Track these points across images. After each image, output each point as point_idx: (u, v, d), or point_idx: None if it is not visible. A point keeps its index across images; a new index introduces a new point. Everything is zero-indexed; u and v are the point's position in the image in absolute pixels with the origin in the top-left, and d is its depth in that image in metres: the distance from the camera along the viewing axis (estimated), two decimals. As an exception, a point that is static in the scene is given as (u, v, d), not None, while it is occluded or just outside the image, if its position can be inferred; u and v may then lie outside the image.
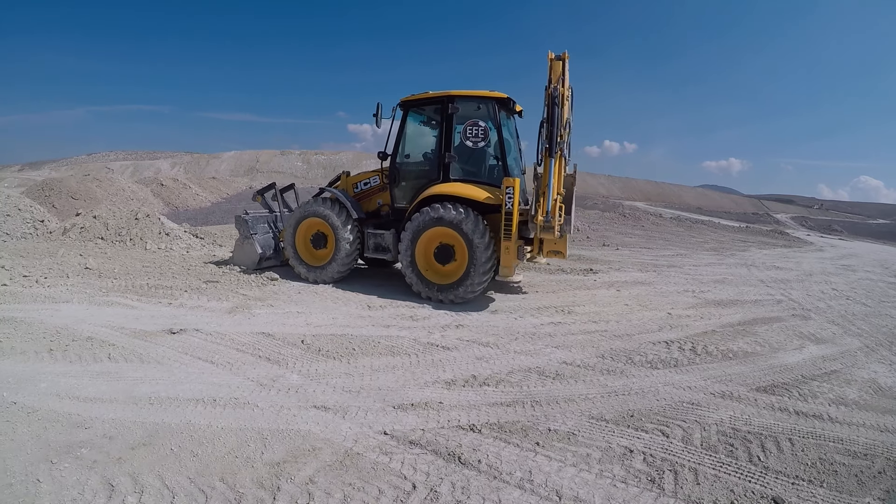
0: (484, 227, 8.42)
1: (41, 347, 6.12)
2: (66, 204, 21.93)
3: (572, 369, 6.00)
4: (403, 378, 5.61)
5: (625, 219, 29.43)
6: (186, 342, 6.49)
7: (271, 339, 6.72)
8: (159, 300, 8.41)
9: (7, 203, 17.12)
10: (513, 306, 8.72)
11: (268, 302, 8.47)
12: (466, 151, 9.19)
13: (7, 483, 3.60)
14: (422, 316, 7.98)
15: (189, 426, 4.45)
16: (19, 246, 13.46)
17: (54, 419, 4.51)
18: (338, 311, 8.15)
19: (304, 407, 4.87)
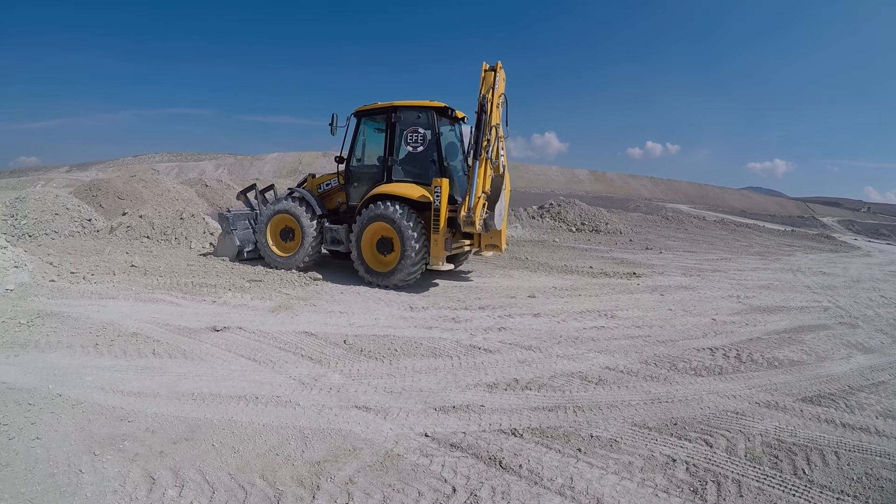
0: (416, 222, 9.62)
1: (87, 342, 6.37)
2: (113, 204, 22.57)
3: (615, 375, 5.94)
4: (445, 380, 5.64)
5: (668, 222, 28.98)
6: (230, 339, 6.66)
7: (314, 338, 6.84)
8: (203, 298, 8.67)
9: (56, 202, 17.79)
10: (555, 310, 8.67)
11: (310, 301, 8.61)
12: (409, 155, 10.46)
13: (50, 473, 3.76)
14: (464, 318, 8.00)
15: (231, 422, 4.57)
16: (67, 243, 14.06)
17: (98, 412, 4.70)
18: (380, 311, 8.24)
19: (346, 407, 4.95)
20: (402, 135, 10.44)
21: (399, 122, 10.41)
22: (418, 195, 9.75)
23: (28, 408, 4.71)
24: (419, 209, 9.81)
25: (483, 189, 9.36)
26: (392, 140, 10.44)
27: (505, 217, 9.91)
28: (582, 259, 14.28)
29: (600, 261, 14.02)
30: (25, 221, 16.44)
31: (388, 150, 10.45)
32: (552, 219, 21.06)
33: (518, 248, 15.69)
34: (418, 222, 9.65)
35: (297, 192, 11.42)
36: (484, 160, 9.30)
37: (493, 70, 9.46)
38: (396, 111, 10.38)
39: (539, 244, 17.02)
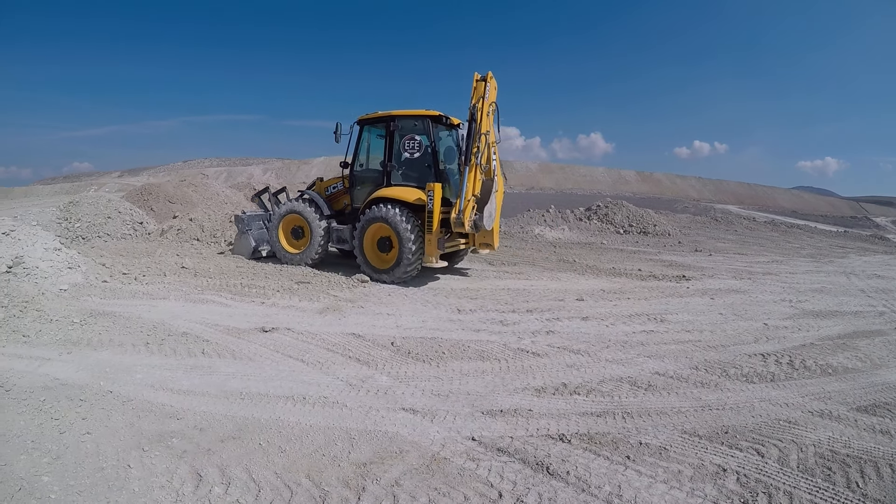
0: (413, 223, 10.42)
1: (138, 341, 6.58)
2: (164, 207, 23.18)
3: (665, 380, 5.83)
4: (493, 384, 5.62)
5: (717, 223, 28.34)
6: (278, 340, 6.78)
7: (361, 340, 6.91)
8: (252, 299, 8.86)
9: (108, 206, 18.42)
10: (604, 313, 8.57)
11: (358, 303, 8.71)
12: (407, 161, 11.33)
13: (99, 467, 3.89)
14: (512, 321, 7.97)
15: (278, 422, 4.65)
16: (119, 245, 14.58)
17: (148, 409, 4.84)
18: (427, 314, 8.28)
19: (393, 409, 4.98)
20: (400, 142, 11.33)
21: (397, 129, 11.30)
22: (414, 198, 10.58)
23: (79, 403, 4.88)
24: (415, 211, 10.60)
25: (473, 192, 10.17)
26: (391, 146, 11.30)
27: (496, 217, 10.74)
28: (630, 261, 14.10)
29: (649, 263, 13.81)
30: (79, 224, 17.04)
31: (387, 155, 11.32)
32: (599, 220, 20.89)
33: (565, 251, 15.59)
34: (414, 223, 10.44)
35: (306, 194, 12.54)
36: (474, 166, 10.05)
37: (484, 80, 10.18)
38: (395, 120, 11.31)
39: (586, 246, 16.87)
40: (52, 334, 6.75)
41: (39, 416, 4.64)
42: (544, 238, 18.05)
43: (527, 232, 18.91)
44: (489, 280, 10.99)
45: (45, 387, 5.20)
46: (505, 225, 20.09)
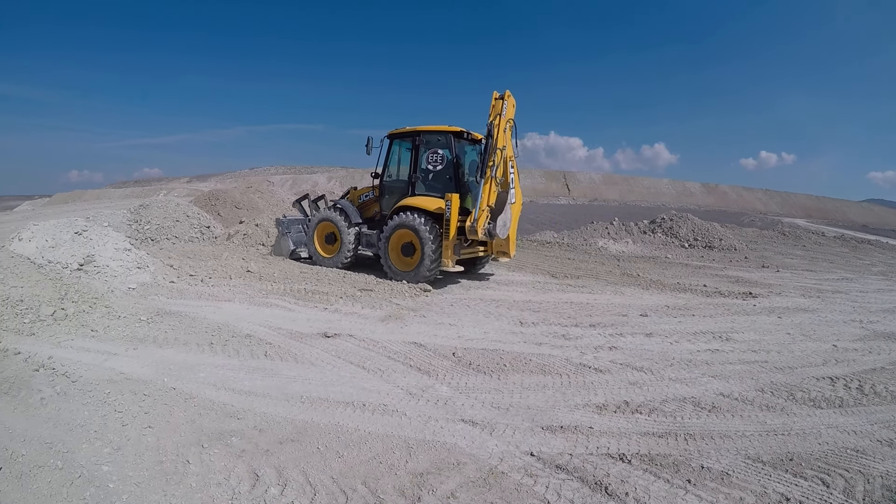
0: (434, 231, 11.18)
1: (203, 340, 6.79)
2: (231, 213, 23.87)
3: (729, 402, 5.63)
4: (553, 399, 5.54)
5: (784, 237, 27.24)
6: (340, 346, 6.87)
7: (423, 349, 6.93)
8: (315, 304, 9.01)
9: (177, 210, 19.11)
10: (668, 330, 8.37)
11: (420, 313, 8.75)
12: (430, 172, 12.20)
13: (158, 460, 4.01)
14: (574, 335, 7.86)
15: (337, 427, 4.69)
16: (187, 248, 15.11)
17: (209, 407, 4.97)
18: (489, 325, 8.24)
19: (452, 420, 4.96)
20: (424, 155, 12.23)
21: (422, 143, 12.24)
22: (434, 207, 11.38)
23: (143, 398, 5.05)
24: (436, 219, 11.37)
25: (488, 203, 10.95)
26: (416, 159, 12.27)
27: (511, 227, 11.34)
28: (695, 277, 13.74)
29: (714, 279, 13.42)
30: (149, 227, 17.71)
31: (412, 167, 12.29)
32: (664, 234, 20.47)
33: (629, 265, 15.32)
34: (435, 230, 11.21)
35: (338, 203, 13.49)
36: (489, 178, 10.84)
37: (502, 98, 11.05)
38: (420, 135, 12.27)
39: (651, 260, 16.53)
40: (119, 330, 7.02)
41: (103, 407, 4.82)
42: (608, 251, 17.81)
43: (590, 245, 18.69)
44: (552, 293, 10.89)
45: (110, 380, 5.40)
46: (568, 237, 19.98)
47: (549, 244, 19.04)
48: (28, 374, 5.35)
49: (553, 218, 33.93)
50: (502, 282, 11.70)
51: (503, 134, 10.92)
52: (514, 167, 11.41)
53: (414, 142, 12.32)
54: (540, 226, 27.09)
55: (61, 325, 6.97)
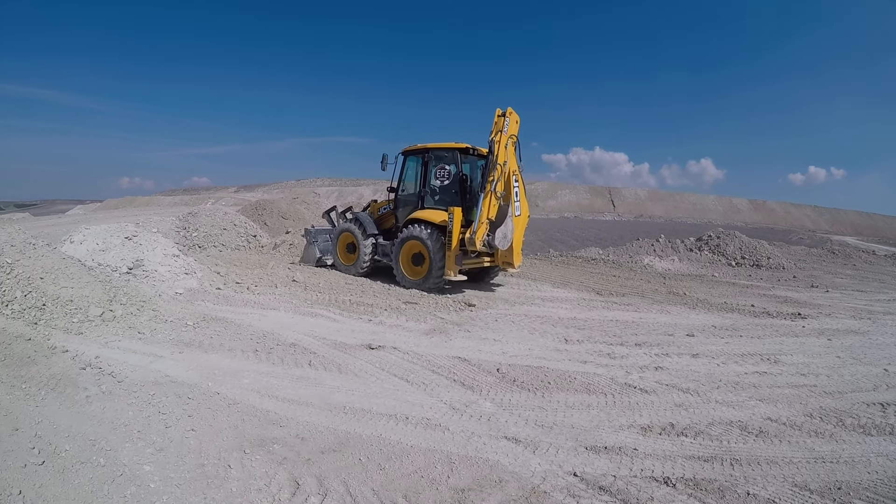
0: (439, 242, 11.89)
1: (247, 347, 6.90)
2: (277, 223, 24.31)
3: (777, 427, 5.46)
4: (598, 418, 5.45)
5: (834, 256, 26.30)
6: (384, 358, 6.88)
7: (467, 364, 6.89)
8: (360, 316, 9.08)
9: (224, 219, 19.52)
10: (715, 350, 8.18)
11: (465, 327, 8.72)
12: (439, 187, 12.95)
13: (200, 463, 4.07)
14: (620, 354, 7.74)
15: (379, 439, 4.69)
16: (233, 256, 15.44)
17: (252, 413, 5.02)
18: (534, 342, 8.17)
19: (495, 436, 4.91)
20: (433, 170, 12.96)
21: (431, 160, 12.97)
22: (440, 220, 12.06)
23: (187, 401, 5.13)
24: (442, 231, 12.01)
25: (487, 216, 11.48)
26: (426, 175, 13.01)
27: (515, 239, 11.72)
28: (742, 296, 13.40)
29: (762, 299, 13.07)
30: (196, 234, 18.11)
31: (422, 182, 13.06)
32: (711, 252, 19.99)
33: (675, 283, 15.03)
34: (440, 241, 11.91)
35: (357, 215, 14.40)
36: (488, 193, 11.41)
37: (504, 115, 11.57)
38: (429, 151, 13.02)
39: (697, 279, 16.18)
40: (165, 334, 7.17)
41: (148, 408, 4.91)
42: (654, 268, 17.48)
43: (636, 262, 18.38)
44: (597, 311, 10.77)
45: (155, 382, 5.50)
46: (613, 254, 19.68)
47: (594, 261, 18.84)
48: (75, 372, 5.48)
49: (598, 234, 33.68)
50: (547, 298, 11.62)
51: (504, 150, 11.42)
52: (520, 181, 11.78)
53: (424, 158, 13.11)
54: (585, 242, 26.87)
55: (109, 326, 7.14)
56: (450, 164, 12.84)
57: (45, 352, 5.95)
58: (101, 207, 69.88)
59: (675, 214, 76.18)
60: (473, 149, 12.87)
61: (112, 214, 38.68)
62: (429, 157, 13.00)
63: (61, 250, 9.43)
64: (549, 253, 20.33)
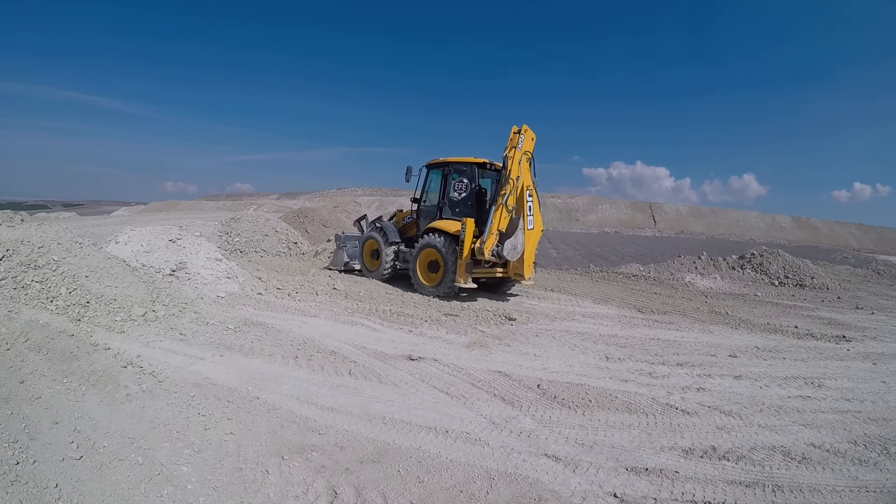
0: (453, 250, 12.35)
1: (288, 353, 6.94)
2: (318, 231, 24.55)
3: (820, 454, 5.30)
4: (639, 439, 5.35)
5: (879, 276, 25.41)
6: (424, 370, 6.86)
7: (507, 378, 6.83)
8: (400, 326, 9.09)
9: (266, 225, 19.80)
10: (758, 373, 7.98)
11: (505, 341, 8.66)
12: (457, 199, 13.64)
13: (238, 467, 4.08)
14: (661, 374, 7.60)
15: (419, 452, 4.65)
16: (274, 262, 15.70)
17: (291, 419, 5.03)
18: (575, 359, 8.08)
19: (535, 454, 4.84)
20: (451, 183, 13.70)
21: (450, 173, 13.73)
22: (454, 230, 12.56)
23: (227, 404, 5.16)
24: (456, 240, 12.46)
25: (498, 228, 11.98)
26: (445, 187, 13.74)
27: (527, 251, 12.34)
28: (786, 317, 13.09)
29: (805, 320, 12.75)
30: (238, 239, 18.37)
31: (442, 194, 13.76)
32: (753, 270, 19.53)
33: (717, 302, 14.76)
34: (454, 250, 12.38)
35: (380, 224, 15.24)
36: (499, 206, 11.93)
37: (519, 132, 12.17)
38: (449, 165, 13.78)
39: (739, 298, 15.86)
40: (206, 336, 7.25)
41: (187, 410, 4.94)
42: (695, 286, 17.22)
43: (677, 279, 18.12)
44: (638, 328, 10.62)
45: (195, 384, 5.54)
46: (654, 270, 19.45)
47: (635, 277, 18.65)
48: (116, 370, 5.54)
49: (639, 250, 33.44)
50: (588, 314, 11.51)
51: (517, 165, 11.98)
52: (534, 196, 12.47)
53: (444, 171, 13.83)
54: (625, 258, 26.64)
55: (151, 326, 7.24)
56: (468, 177, 13.55)
57: (87, 348, 6.04)
58: (145, 210, 71.34)
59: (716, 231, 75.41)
60: (491, 164, 13.55)
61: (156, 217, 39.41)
62: (449, 170, 13.75)
63: (107, 250, 9.60)
64: (589, 268, 20.19)
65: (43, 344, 5.94)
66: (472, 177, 13.51)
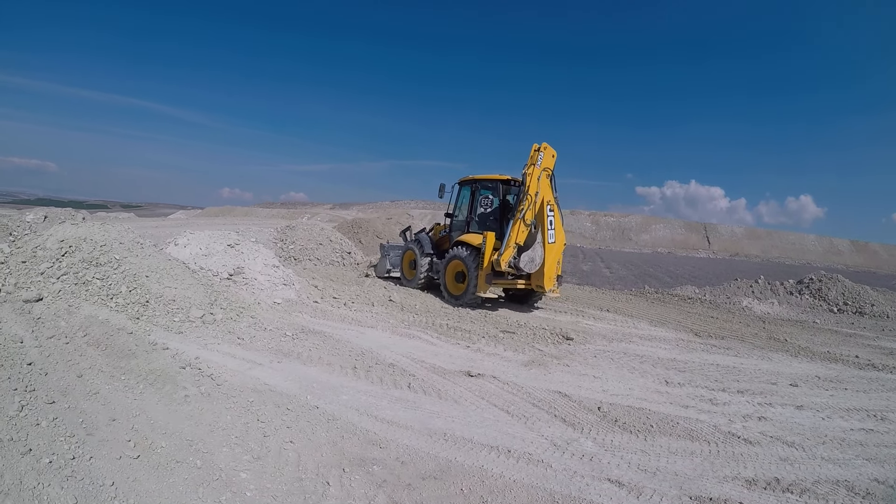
0: (477, 262, 12.88)
1: (346, 364, 6.91)
2: (372, 241, 24.77)
3: (884, 490, 5.05)
4: (702, 467, 5.19)
5: None
6: (483, 387, 6.75)
7: (567, 399, 6.68)
8: (457, 341, 9.01)
9: (321, 234, 20.03)
10: (820, 403, 7.68)
11: (563, 361, 8.51)
12: (483, 214, 14.32)
13: (297, 477, 4.02)
14: (722, 401, 7.37)
15: (481, 471, 4.54)
16: (329, 271, 15.99)
17: (351, 431, 4.97)
18: (634, 381, 7.90)
19: (598, 478, 4.71)
20: (478, 199, 14.37)
21: (477, 189, 14.45)
22: (478, 243, 13.08)
23: (285, 412, 5.12)
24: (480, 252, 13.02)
25: (516, 241, 12.33)
26: (473, 202, 14.46)
27: (547, 264, 12.74)
28: (846, 345, 12.62)
29: (866, 349, 12.26)
30: (293, 247, 18.63)
31: (470, 209, 14.49)
32: (811, 296, 18.87)
33: (775, 328, 14.32)
34: (477, 262, 12.92)
35: (418, 236, 16.02)
36: (518, 220, 12.31)
37: (539, 150, 12.60)
38: (477, 182, 14.58)
39: (798, 325, 15.38)
40: (264, 342, 7.28)
41: (246, 415, 4.92)
42: (752, 311, 16.77)
43: (733, 303, 17.66)
44: (697, 353, 10.36)
45: (254, 389, 5.53)
46: (710, 293, 19.03)
47: (690, 300, 18.28)
48: (174, 371, 5.57)
49: (693, 272, 32.85)
50: (645, 336, 11.29)
51: (536, 181, 12.43)
52: (556, 211, 12.94)
53: (472, 187, 14.59)
54: (679, 279, 26.18)
55: (209, 329, 7.30)
56: (493, 194, 14.26)
57: (145, 346, 6.11)
58: (201, 214, 72.90)
59: (771, 254, 73.83)
60: (515, 180, 13.95)
61: (212, 221, 40.15)
62: (476, 186, 14.51)
63: (166, 252, 9.74)
64: (643, 289, 19.86)
65: (102, 340, 6.02)
66: (496, 193, 14.20)
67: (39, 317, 6.19)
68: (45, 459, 3.64)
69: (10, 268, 7.16)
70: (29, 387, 4.62)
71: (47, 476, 3.50)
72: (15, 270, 7.14)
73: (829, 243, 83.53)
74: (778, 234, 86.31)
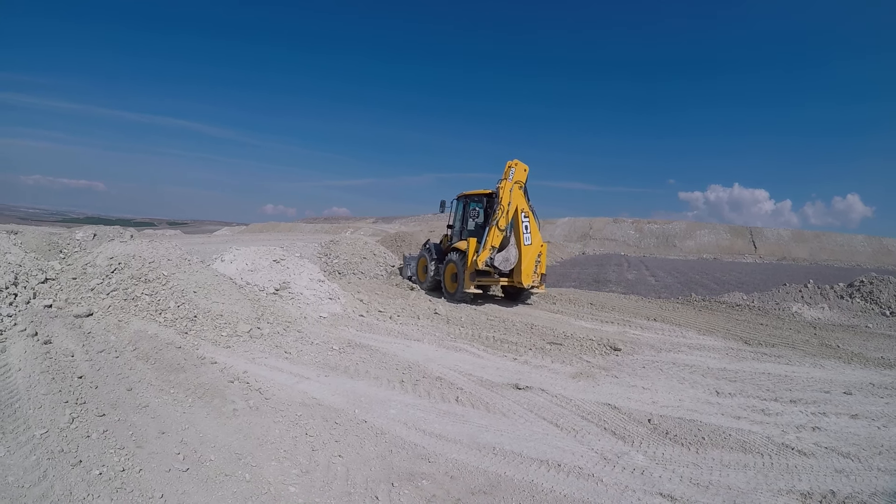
0: (465, 264, 14.86)
1: (393, 377, 6.91)
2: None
3: None
4: (755, 481, 5.05)
5: None
6: (531, 400, 6.67)
7: (616, 412, 6.57)
8: (504, 354, 8.92)
9: (364, 248, 20.34)
10: (875, 412, 7.42)
11: (612, 372, 8.39)
12: (472, 223, 16.39)
13: (346, 491, 4.01)
14: (774, 411, 7.18)
15: (531, 485, 4.48)
16: (373, 285, 16.20)
17: (400, 445, 4.95)
18: (684, 392, 7.73)
19: (650, 492, 4.62)
20: (469, 211, 16.42)
21: (468, 203, 16.58)
22: (465, 248, 15.06)
23: (334, 426, 5.13)
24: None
25: (491, 244, 14.39)
26: (465, 214, 16.70)
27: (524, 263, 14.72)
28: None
29: None
30: (337, 261, 18.88)
31: (462, 220, 16.81)
32: (863, 299, 18.20)
33: (827, 334, 13.91)
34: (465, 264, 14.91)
35: (429, 246, 18.07)
36: (492, 226, 14.40)
37: (511, 166, 14.90)
38: (467, 197, 16.72)
39: (849, 329, 14.90)
40: (311, 356, 7.32)
41: (294, 429, 4.94)
42: (802, 317, 16.31)
43: (783, 309, 17.20)
44: (747, 362, 10.12)
45: (302, 403, 5.56)
46: (758, 300, 18.60)
47: (738, 307, 17.89)
48: (223, 384, 5.63)
49: (740, 278, 32.15)
50: (693, 346, 11.09)
51: (508, 193, 14.63)
52: (530, 216, 15.05)
53: (464, 202, 16.81)
54: (726, 286, 25.62)
55: (256, 343, 7.38)
56: (480, 206, 16.22)
57: (194, 361, 6.20)
58: (246, 230, 73.94)
59: (819, 256, 71.89)
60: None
61: (257, 237, 40.82)
62: (467, 201, 16.71)
63: (213, 267, 9.88)
64: (690, 297, 19.51)
65: (151, 354, 6.13)
66: (482, 206, 16.13)
67: (90, 331, 6.35)
68: (94, 471, 3.71)
69: (62, 284, 7.38)
70: (80, 399, 4.72)
71: (97, 487, 3.57)
72: (66, 286, 7.35)
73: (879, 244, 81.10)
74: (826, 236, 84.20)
